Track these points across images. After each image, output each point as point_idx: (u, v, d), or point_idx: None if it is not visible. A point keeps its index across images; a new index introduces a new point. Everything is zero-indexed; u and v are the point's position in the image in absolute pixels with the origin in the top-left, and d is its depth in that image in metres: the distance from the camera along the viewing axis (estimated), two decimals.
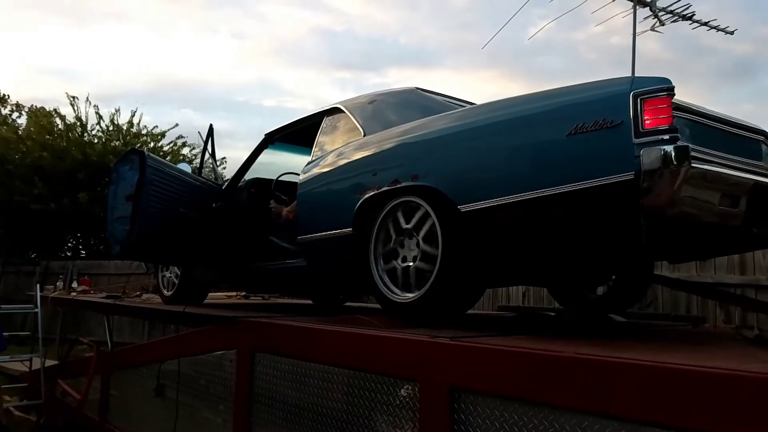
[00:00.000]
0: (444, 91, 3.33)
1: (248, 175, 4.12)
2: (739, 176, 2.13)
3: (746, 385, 1.29)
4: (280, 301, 5.65)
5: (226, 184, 4.11)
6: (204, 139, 4.44)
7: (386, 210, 2.73)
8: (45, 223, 12.23)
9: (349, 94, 3.53)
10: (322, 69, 41.15)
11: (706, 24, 6.25)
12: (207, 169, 4.44)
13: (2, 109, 16.65)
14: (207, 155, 4.40)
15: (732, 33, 6.34)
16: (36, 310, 6.02)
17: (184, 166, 4.33)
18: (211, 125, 4.38)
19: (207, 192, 3.90)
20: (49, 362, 5.89)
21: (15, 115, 16.55)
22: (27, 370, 5.92)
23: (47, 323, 6.23)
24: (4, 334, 5.24)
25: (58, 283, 7.50)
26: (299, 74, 42.38)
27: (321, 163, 3.26)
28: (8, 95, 16.57)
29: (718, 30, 6.32)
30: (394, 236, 2.72)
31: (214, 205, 3.86)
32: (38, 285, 6.65)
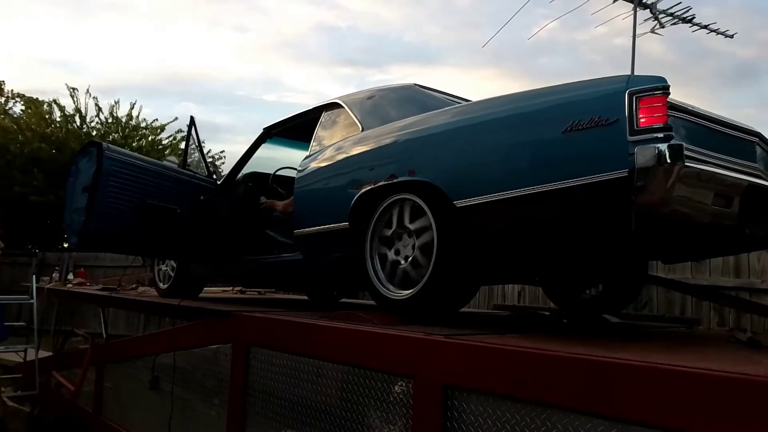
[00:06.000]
0: (446, 90, 3.34)
1: (246, 170, 4.12)
2: (733, 177, 2.14)
3: (738, 387, 1.29)
4: (276, 296, 5.66)
5: (224, 177, 4.10)
6: (187, 131, 4.42)
7: (383, 206, 2.73)
8: (42, 214, 12.22)
9: (351, 90, 3.52)
10: (324, 65, 41.14)
11: (706, 27, 6.27)
12: (198, 162, 4.40)
13: None
14: (193, 147, 4.38)
15: (731, 36, 6.36)
16: (31, 301, 6.01)
17: (173, 159, 4.30)
18: (192, 117, 4.34)
19: (190, 184, 3.89)
20: (44, 353, 5.88)
21: (11, 103, 16.42)
22: (21, 360, 5.92)
23: (42, 314, 6.21)
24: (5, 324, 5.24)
25: (54, 275, 7.50)
26: (301, 69, 42.37)
27: (319, 157, 3.26)
28: (3, 82, 16.41)
29: (718, 33, 6.34)
30: (390, 232, 2.72)
31: (201, 197, 3.85)
32: (34, 276, 6.63)
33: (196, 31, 38.18)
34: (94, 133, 13.65)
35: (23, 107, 14.89)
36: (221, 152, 16.48)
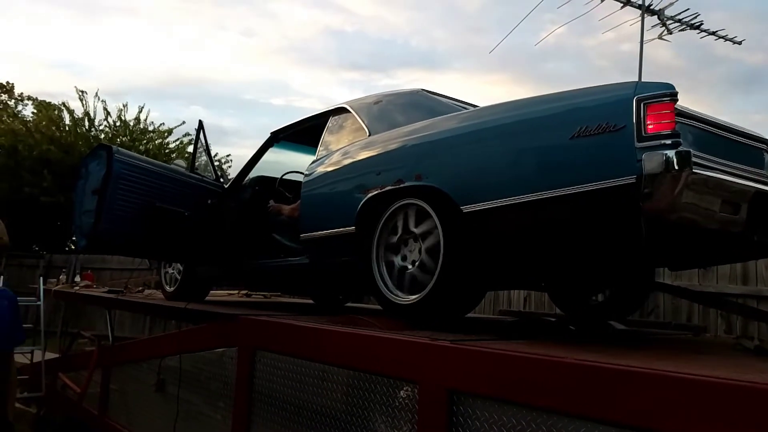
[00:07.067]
0: (452, 95, 3.35)
1: (253, 173, 4.14)
2: (741, 184, 2.14)
3: (744, 395, 1.29)
4: (282, 299, 5.66)
5: (231, 181, 4.12)
6: (195, 135, 4.46)
7: (390, 210, 2.74)
8: (52, 215, 12.30)
9: (358, 95, 3.55)
10: (331, 69, 41.26)
11: (713, 33, 6.27)
12: (206, 166, 4.44)
13: (7, 100, 16.66)
14: (200, 151, 4.40)
15: (740, 43, 6.36)
16: (38, 303, 6.04)
17: (180, 163, 4.33)
18: (200, 121, 4.37)
19: (198, 188, 3.91)
20: (51, 355, 5.91)
21: (20, 106, 16.57)
22: (28, 362, 5.94)
23: (49, 316, 6.25)
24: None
25: (61, 277, 7.54)
26: (308, 74, 42.51)
27: (326, 161, 3.27)
28: (12, 83, 16.56)
29: (726, 39, 6.34)
30: (396, 237, 2.72)
31: (209, 201, 3.87)
32: (41, 278, 6.67)
33: (203, 36, 38.41)
34: (103, 136, 13.76)
35: (34, 110, 15.02)
36: (228, 156, 16.59)
